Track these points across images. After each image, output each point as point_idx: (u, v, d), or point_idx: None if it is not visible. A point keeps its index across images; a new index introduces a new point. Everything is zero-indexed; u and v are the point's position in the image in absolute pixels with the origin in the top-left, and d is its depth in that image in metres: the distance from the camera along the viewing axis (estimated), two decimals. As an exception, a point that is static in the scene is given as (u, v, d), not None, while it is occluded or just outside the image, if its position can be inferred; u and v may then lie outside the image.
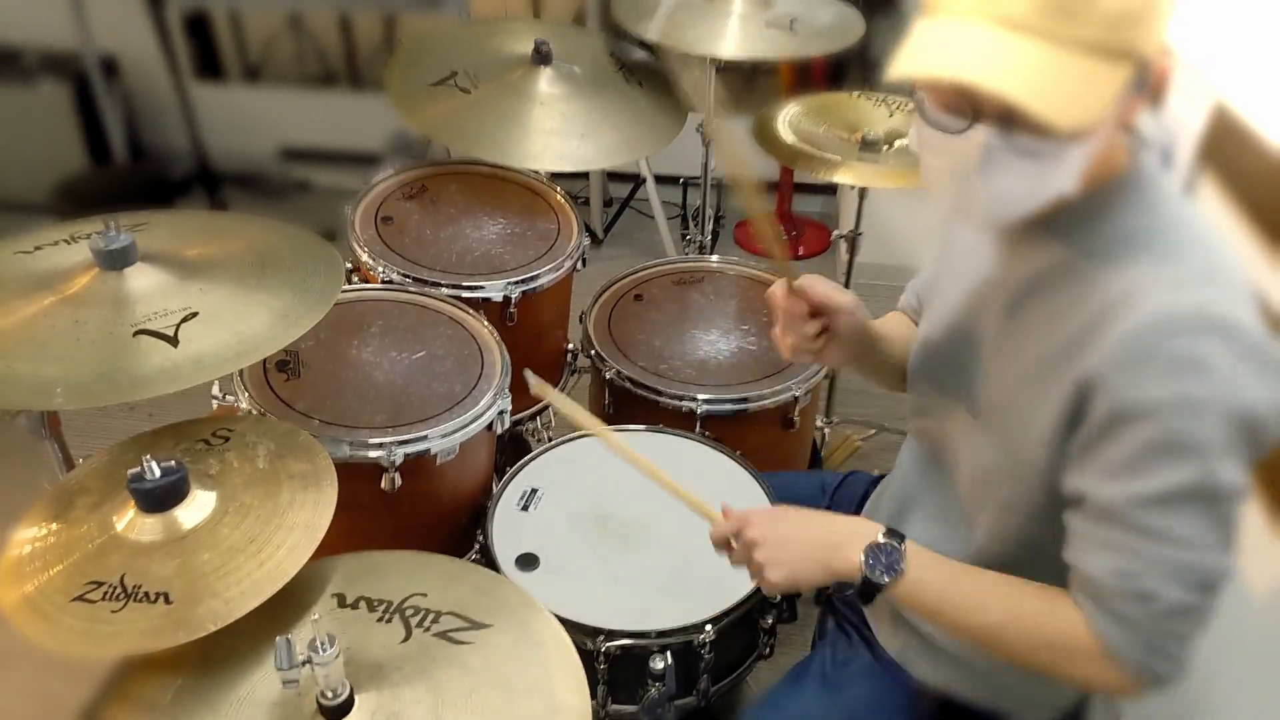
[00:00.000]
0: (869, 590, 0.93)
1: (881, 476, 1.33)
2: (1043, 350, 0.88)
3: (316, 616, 0.99)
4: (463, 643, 1.01)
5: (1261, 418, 0.78)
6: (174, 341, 1.07)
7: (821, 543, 0.97)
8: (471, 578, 1.10)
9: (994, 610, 0.91)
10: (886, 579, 0.92)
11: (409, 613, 1.04)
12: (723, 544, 1.04)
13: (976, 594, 0.93)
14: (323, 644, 0.88)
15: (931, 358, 1.06)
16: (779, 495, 1.39)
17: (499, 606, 1.06)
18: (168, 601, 0.95)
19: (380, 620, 1.03)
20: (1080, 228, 0.87)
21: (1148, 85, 0.80)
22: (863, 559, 0.93)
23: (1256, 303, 0.83)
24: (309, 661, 0.88)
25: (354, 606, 1.04)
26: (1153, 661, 0.83)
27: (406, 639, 1.01)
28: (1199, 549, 0.80)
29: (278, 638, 0.88)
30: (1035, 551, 0.95)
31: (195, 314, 1.10)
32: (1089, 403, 0.83)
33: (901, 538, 0.94)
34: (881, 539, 0.94)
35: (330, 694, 0.91)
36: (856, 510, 1.29)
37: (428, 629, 1.02)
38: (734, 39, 1.89)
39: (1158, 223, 0.85)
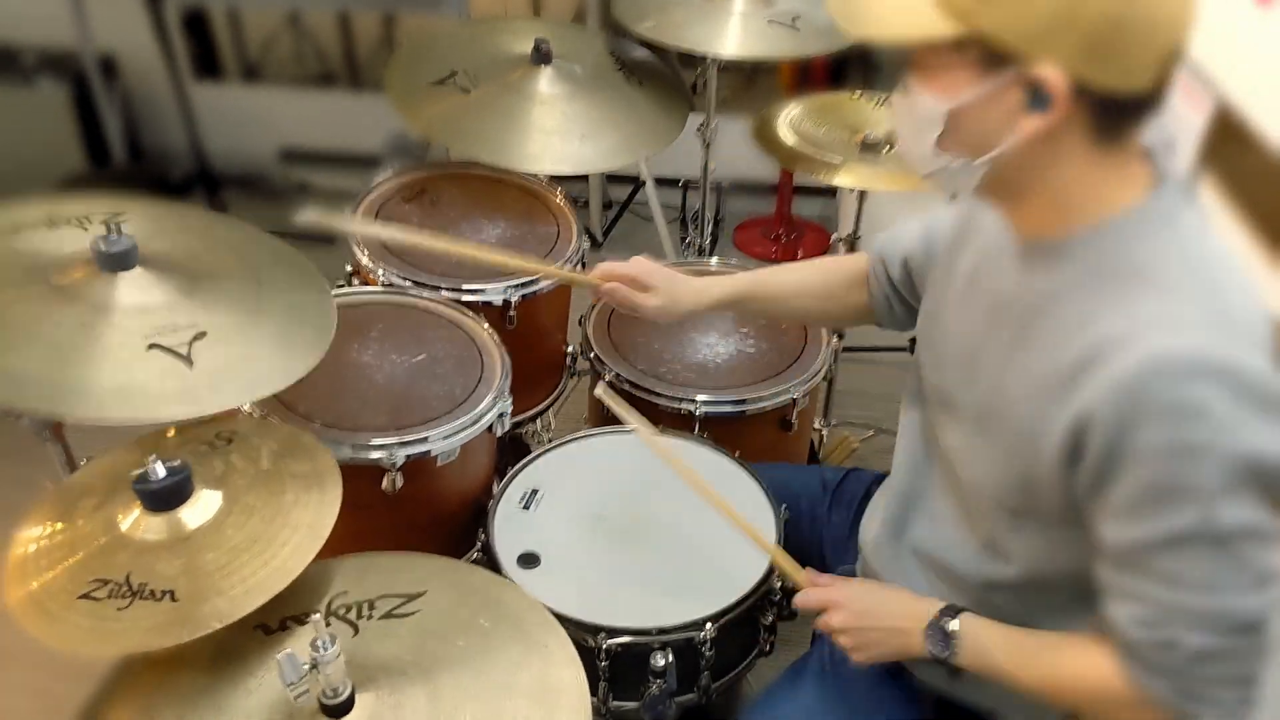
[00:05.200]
0: (944, 665, 1.01)
1: (883, 475, 1.34)
2: (1047, 371, 0.87)
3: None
4: (409, 614, 1.04)
5: (1268, 460, 0.77)
6: (189, 361, 1.06)
7: (895, 629, 1.04)
8: (378, 563, 1.12)
9: (1040, 673, 0.95)
10: (944, 655, 1.00)
11: (342, 611, 1.05)
12: (808, 612, 1.12)
13: (1023, 659, 0.96)
14: (324, 644, 0.88)
15: (941, 355, 1.06)
16: (778, 489, 1.39)
17: (423, 577, 1.09)
18: (173, 599, 0.95)
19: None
20: (1093, 255, 0.87)
21: (1047, 104, 0.79)
22: (923, 642, 1.01)
23: (1268, 342, 0.82)
24: (315, 665, 0.88)
25: (283, 629, 1.03)
26: (1194, 706, 0.83)
27: (356, 633, 1.02)
28: (1217, 592, 0.80)
29: (278, 656, 0.88)
30: (1056, 567, 0.97)
31: (204, 333, 1.09)
32: (1086, 438, 0.83)
33: (956, 614, 0.99)
34: (932, 624, 1.00)
35: (332, 692, 0.91)
36: (858, 509, 1.29)
37: (370, 617, 1.04)
38: (735, 38, 1.89)
39: (1169, 258, 0.84)
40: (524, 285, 1.66)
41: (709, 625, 1.21)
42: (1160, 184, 0.86)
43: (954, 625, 0.98)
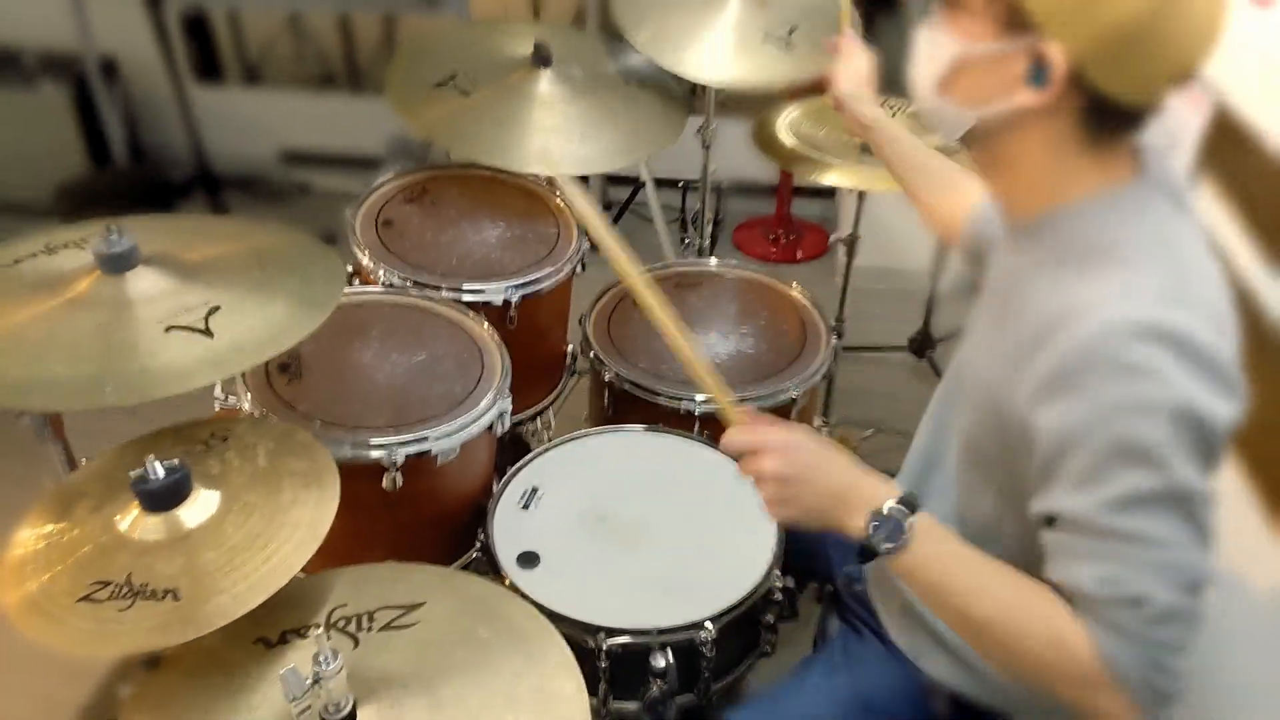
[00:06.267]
0: (867, 554, 0.92)
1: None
2: (1014, 343, 0.89)
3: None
4: (409, 625, 1.04)
5: (1210, 421, 0.78)
6: (208, 333, 1.08)
7: (834, 495, 0.94)
8: (376, 574, 1.12)
9: (992, 602, 0.87)
10: (884, 549, 0.90)
11: (341, 624, 1.04)
12: (734, 454, 1.00)
13: (978, 582, 0.89)
14: (326, 659, 0.88)
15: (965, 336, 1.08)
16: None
17: (422, 587, 1.09)
18: (175, 598, 0.95)
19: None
20: (1063, 232, 0.89)
21: (1045, 82, 0.82)
22: (867, 524, 0.91)
23: (1229, 329, 0.83)
24: (318, 680, 0.88)
25: (283, 642, 1.03)
26: (1154, 677, 0.81)
27: (357, 645, 1.02)
28: (1178, 548, 0.80)
29: (281, 672, 0.88)
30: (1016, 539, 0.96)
31: (218, 307, 1.11)
32: (1042, 399, 0.84)
33: (914, 508, 0.91)
34: (890, 507, 0.90)
35: (334, 707, 0.90)
36: None
37: (370, 629, 1.03)
38: (729, 62, 1.83)
39: (1136, 238, 0.85)
40: (524, 285, 1.66)
41: (710, 625, 1.21)
42: (1140, 176, 0.88)
43: (911, 520, 0.90)
